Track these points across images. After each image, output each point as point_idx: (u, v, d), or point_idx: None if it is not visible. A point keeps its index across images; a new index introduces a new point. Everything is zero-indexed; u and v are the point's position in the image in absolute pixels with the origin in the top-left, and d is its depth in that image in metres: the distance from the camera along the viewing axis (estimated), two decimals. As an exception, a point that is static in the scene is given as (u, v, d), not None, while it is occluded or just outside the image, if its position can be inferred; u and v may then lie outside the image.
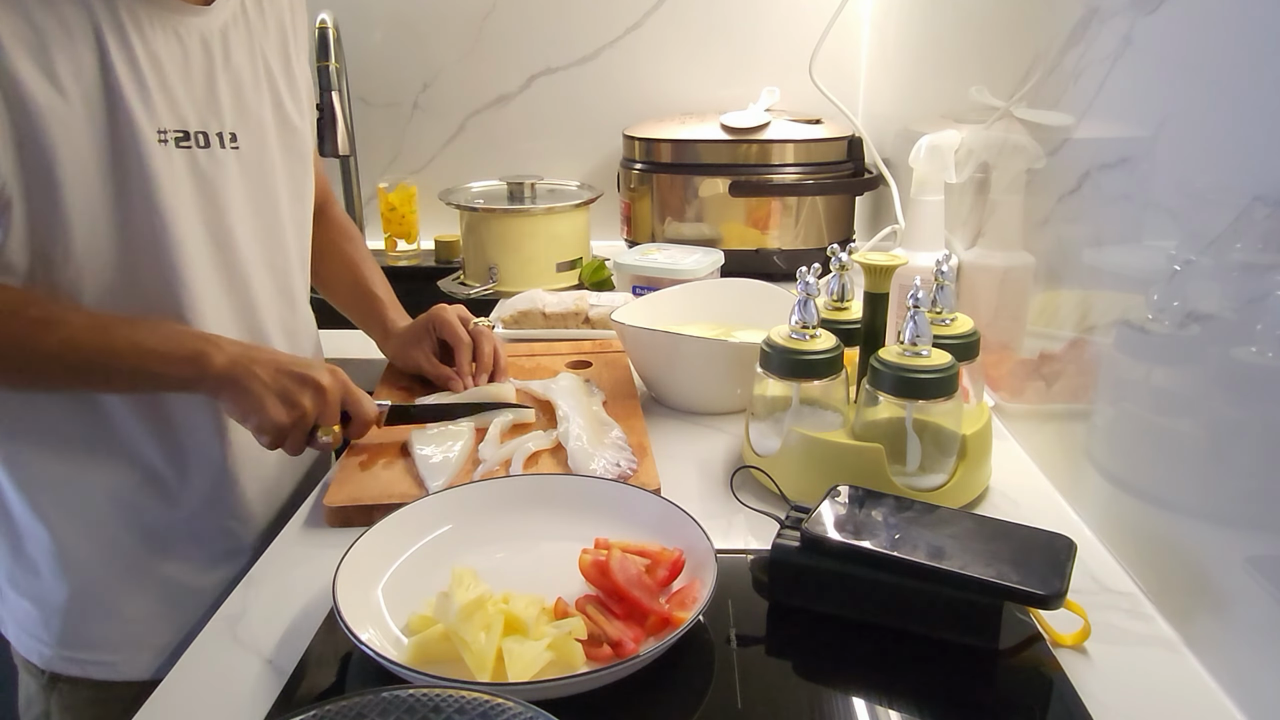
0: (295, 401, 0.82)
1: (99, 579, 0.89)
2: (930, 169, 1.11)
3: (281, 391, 0.82)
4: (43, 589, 0.89)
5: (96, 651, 0.90)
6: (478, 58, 1.83)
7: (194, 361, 0.80)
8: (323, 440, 0.86)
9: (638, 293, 1.33)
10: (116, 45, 0.78)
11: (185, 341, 0.81)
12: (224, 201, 0.88)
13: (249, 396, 0.81)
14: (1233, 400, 0.62)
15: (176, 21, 0.83)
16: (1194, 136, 0.66)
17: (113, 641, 0.91)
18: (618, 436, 0.94)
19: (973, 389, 0.87)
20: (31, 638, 0.91)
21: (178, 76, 0.83)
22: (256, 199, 0.92)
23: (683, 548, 0.71)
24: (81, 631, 0.90)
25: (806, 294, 0.84)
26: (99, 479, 0.87)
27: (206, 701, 0.63)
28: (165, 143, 0.82)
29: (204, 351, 0.80)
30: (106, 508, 0.88)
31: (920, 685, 0.63)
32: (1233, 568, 0.61)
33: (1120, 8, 0.76)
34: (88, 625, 0.90)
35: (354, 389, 0.88)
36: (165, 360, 0.80)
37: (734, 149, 1.54)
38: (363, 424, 0.89)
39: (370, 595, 0.69)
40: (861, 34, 1.76)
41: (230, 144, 0.88)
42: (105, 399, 0.86)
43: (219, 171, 0.87)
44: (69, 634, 0.90)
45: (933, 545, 0.67)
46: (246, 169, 0.91)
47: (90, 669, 0.91)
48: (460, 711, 0.49)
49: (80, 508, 0.87)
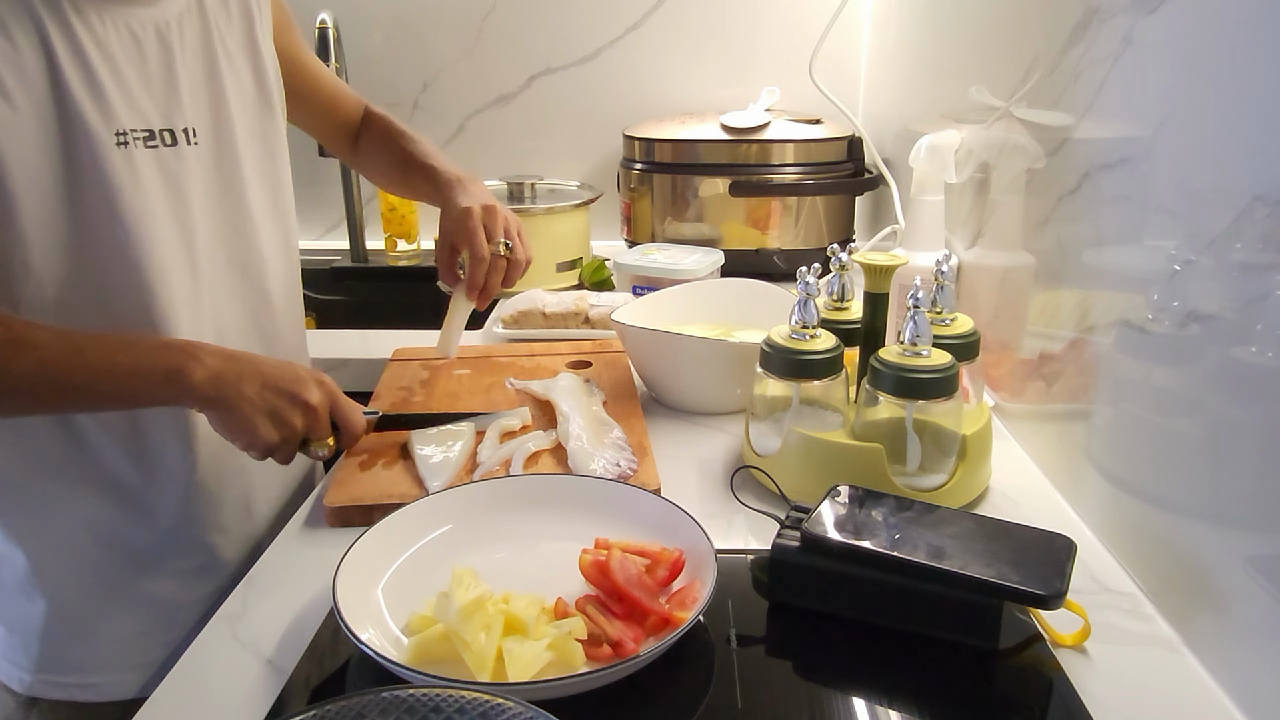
0: (285, 420, 0.80)
1: (77, 601, 0.87)
2: (930, 169, 1.11)
3: (271, 411, 0.79)
4: (19, 614, 0.87)
5: (78, 674, 0.89)
6: (478, 58, 1.83)
7: (171, 380, 0.76)
8: (316, 453, 0.85)
9: (638, 293, 1.33)
10: (64, 46, 0.75)
11: (161, 357, 0.77)
12: (190, 201, 0.85)
13: (236, 417, 0.78)
14: (1233, 400, 0.62)
15: (128, 15, 0.79)
16: (1194, 136, 0.66)
17: (94, 663, 0.89)
18: (618, 436, 0.94)
19: (973, 389, 0.87)
20: (10, 664, 0.89)
21: (134, 73, 0.80)
22: (222, 196, 0.89)
23: (683, 548, 0.71)
24: (62, 655, 0.88)
25: (806, 294, 0.84)
26: (72, 499, 0.85)
27: (206, 701, 0.63)
28: (125, 145, 0.78)
29: (181, 368, 0.76)
30: (81, 529, 0.86)
31: (920, 685, 0.63)
32: (1233, 568, 0.61)
33: (1120, 8, 0.76)
34: (68, 648, 0.88)
35: (342, 400, 0.86)
36: (142, 379, 0.76)
37: (734, 149, 1.54)
38: (352, 436, 0.87)
39: (370, 595, 0.69)
40: (861, 34, 1.76)
41: (192, 139, 0.85)
42: (75, 417, 0.83)
43: (184, 170, 0.84)
44: (48, 658, 0.88)
45: (933, 545, 0.67)
46: (210, 165, 0.87)
47: (73, 692, 0.89)
48: (460, 711, 0.49)
49: (55, 529, 0.85)
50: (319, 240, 1.94)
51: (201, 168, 0.86)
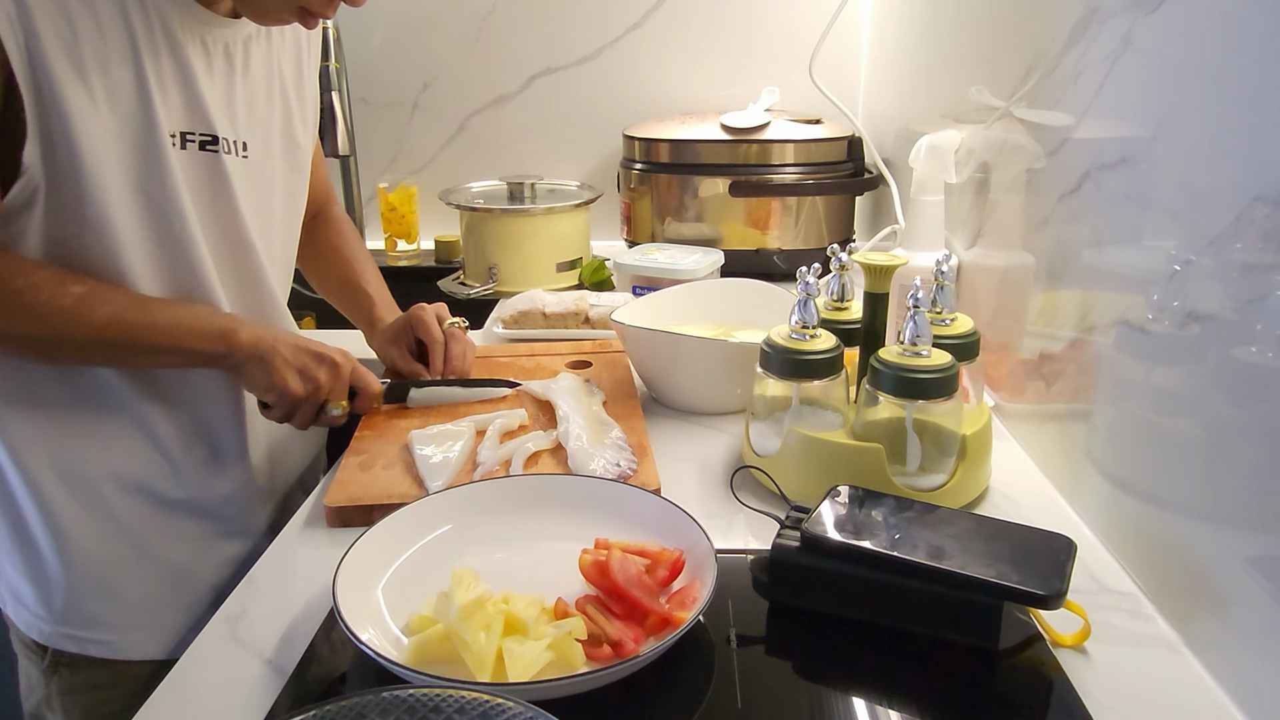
0: (312, 376, 0.90)
1: (100, 557, 0.90)
2: (930, 169, 1.11)
3: (301, 367, 0.89)
4: (44, 566, 0.90)
5: (96, 630, 0.92)
6: (478, 58, 1.83)
7: (224, 337, 0.87)
8: (333, 414, 0.94)
9: (638, 293, 1.33)
10: (149, 53, 0.81)
11: (216, 319, 0.88)
12: (236, 206, 0.92)
13: (272, 371, 0.88)
14: (1233, 400, 0.62)
15: (204, 30, 0.86)
16: (1194, 136, 0.66)
17: (112, 620, 0.92)
18: (618, 436, 0.94)
19: (973, 389, 0.87)
20: (31, 614, 0.92)
21: (202, 83, 0.86)
22: (259, 207, 0.95)
23: (683, 548, 0.71)
24: (81, 609, 0.91)
25: (806, 294, 0.84)
26: (102, 456, 0.89)
27: (206, 701, 0.63)
28: (178, 146, 0.85)
29: (232, 328, 0.87)
30: (109, 485, 0.89)
31: (920, 685, 0.63)
32: (1233, 568, 0.61)
33: (1120, 8, 0.76)
34: (88, 602, 0.91)
35: (360, 366, 0.96)
36: (198, 336, 0.86)
37: (734, 149, 1.54)
38: (369, 397, 0.97)
39: (370, 595, 0.69)
40: (861, 34, 1.76)
41: (241, 152, 0.92)
42: (108, 376, 0.88)
43: (231, 176, 0.90)
44: (69, 611, 0.91)
45: (933, 545, 0.67)
46: (251, 177, 0.93)
47: (89, 647, 0.92)
48: (460, 711, 0.49)
49: (82, 485, 0.89)
50: (319, 240, 1.94)
51: (248, 177, 0.93)
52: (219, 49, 0.88)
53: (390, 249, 1.85)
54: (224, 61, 0.89)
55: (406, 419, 1.00)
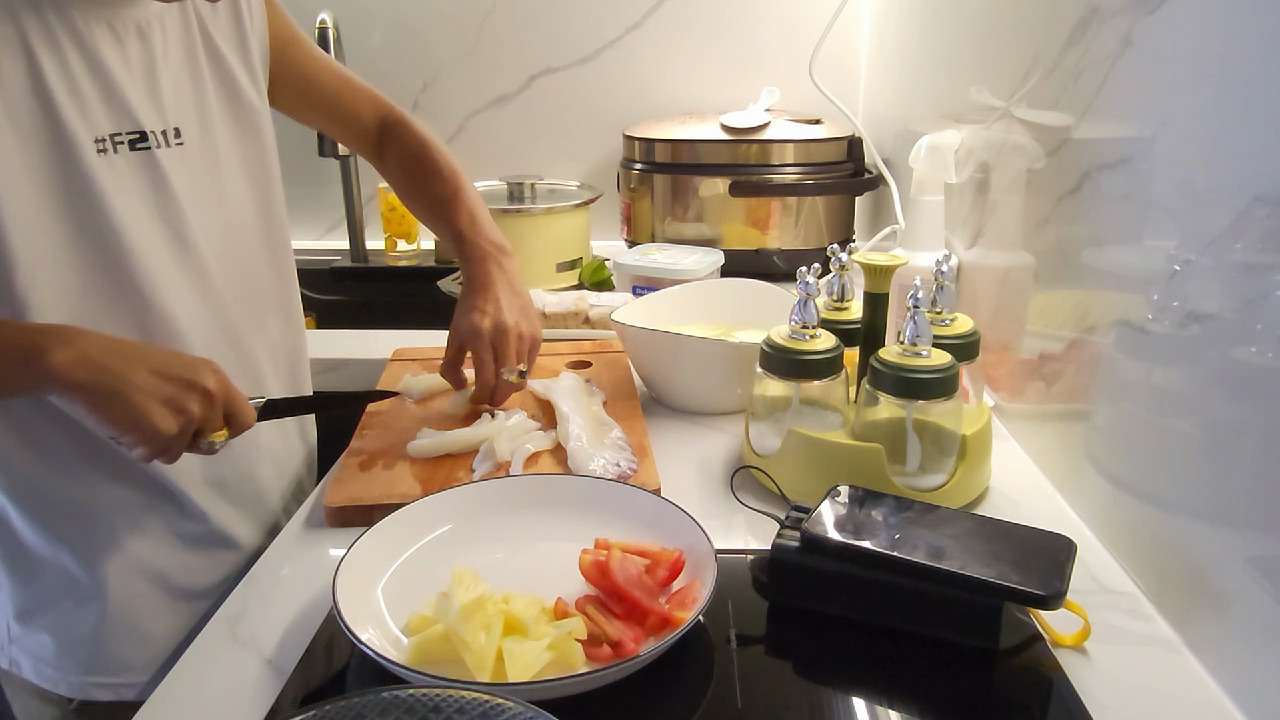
0: (182, 408, 0.73)
1: (123, 600, 0.87)
2: (930, 169, 1.11)
3: (166, 398, 0.72)
4: (67, 619, 0.86)
5: (128, 674, 0.88)
6: (478, 58, 1.83)
7: (29, 362, 0.69)
8: (211, 446, 0.78)
9: (638, 293, 1.33)
10: (49, 55, 0.73)
11: (23, 338, 0.71)
12: (178, 201, 0.83)
13: (125, 406, 0.71)
14: (1233, 400, 0.62)
15: (109, 14, 0.77)
16: (1194, 136, 0.66)
17: (142, 661, 0.88)
18: (618, 436, 0.94)
19: (973, 389, 0.87)
20: (55, 670, 0.88)
21: (117, 74, 0.78)
22: (209, 195, 0.87)
23: (683, 548, 0.71)
24: (110, 655, 0.87)
25: (806, 294, 0.84)
26: (110, 497, 0.85)
27: (207, 701, 0.63)
28: (105, 151, 0.77)
29: (41, 348, 0.69)
30: (122, 525, 0.86)
31: (920, 685, 0.63)
32: (1233, 568, 0.61)
33: (1120, 8, 0.76)
34: (115, 648, 0.87)
35: (231, 386, 0.78)
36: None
37: (734, 149, 1.54)
38: (242, 426, 0.79)
39: (370, 595, 0.69)
40: (861, 34, 1.76)
41: (175, 140, 0.83)
42: None
43: (169, 171, 0.82)
44: (98, 659, 0.87)
45: (933, 545, 0.67)
46: (195, 164, 0.86)
47: (122, 692, 0.88)
48: (460, 711, 0.49)
49: (95, 528, 0.85)
50: (319, 240, 1.94)
51: (186, 167, 0.85)
52: (131, 32, 0.79)
53: (390, 249, 1.85)
54: (139, 44, 0.80)
55: (407, 419, 1.00)
